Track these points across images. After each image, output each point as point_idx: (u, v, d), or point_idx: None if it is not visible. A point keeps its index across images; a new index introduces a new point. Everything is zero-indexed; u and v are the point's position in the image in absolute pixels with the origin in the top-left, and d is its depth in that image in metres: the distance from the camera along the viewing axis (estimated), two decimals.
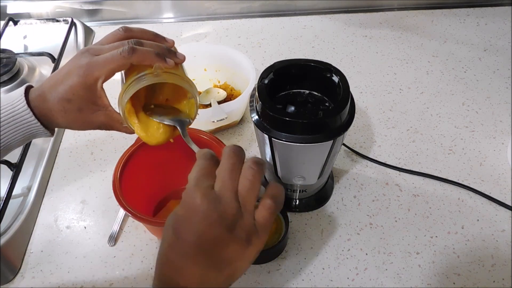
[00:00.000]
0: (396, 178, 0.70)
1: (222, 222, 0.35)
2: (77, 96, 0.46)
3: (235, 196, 0.36)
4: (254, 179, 0.37)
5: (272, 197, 0.38)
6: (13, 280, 0.60)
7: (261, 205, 0.38)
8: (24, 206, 0.65)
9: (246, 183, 0.37)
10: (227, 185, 0.37)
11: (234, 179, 0.37)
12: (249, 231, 0.37)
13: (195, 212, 0.36)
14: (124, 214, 0.66)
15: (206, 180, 0.37)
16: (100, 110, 0.48)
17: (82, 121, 0.48)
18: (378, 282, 0.58)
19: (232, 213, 0.36)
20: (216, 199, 0.36)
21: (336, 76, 0.54)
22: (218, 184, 0.37)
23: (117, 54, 0.45)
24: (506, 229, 0.63)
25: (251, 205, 0.37)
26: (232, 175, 0.37)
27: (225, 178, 0.37)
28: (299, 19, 1.03)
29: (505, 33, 0.97)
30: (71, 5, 1.03)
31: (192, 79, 0.85)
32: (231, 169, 0.37)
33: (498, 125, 0.77)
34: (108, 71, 0.45)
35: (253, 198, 0.37)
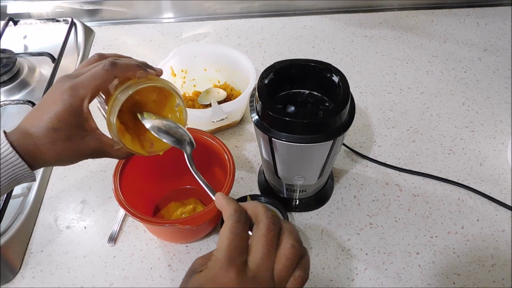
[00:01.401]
0: (396, 178, 0.70)
1: None
2: (64, 123, 0.43)
3: (272, 275, 0.34)
4: (294, 258, 0.35)
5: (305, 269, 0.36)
6: (13, 280, 0.60)
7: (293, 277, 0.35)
8: (24, 206, 0.65)
9: (285, 263, 0.34)
10: (264, 264, 0.34)
11: (271, 257, 0.34)
12: None
13: None
14: (124, 214, 0.66)
15: (240, 254, 0.34)
16: (89, 135, 0.46)
17: (72, 151, 0.45)
18: (378, 282, 0.58)
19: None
20: (252, 280, 0.33)
21: (336, 76, 0.54)
22: (253, 261, 0.34)
23: (99, 69, 0.44)
24: (506, 229, 0.63)
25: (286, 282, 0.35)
26: (269, 252, 0.34)
27: (262, 255, 0.34)
28: (299, 19, 1.03)
29: (505, 33, 0.97)
30: (71, 5, 1.03)
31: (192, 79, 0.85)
32: (269, 244, 0.35)
33: (498, 125, 0.77)
34: (93, 88, 0.44)
35: (289, 276, 0.35)
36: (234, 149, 0.75)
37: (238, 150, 0.75)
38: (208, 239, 0.63)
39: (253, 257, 0.34)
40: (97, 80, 0.44)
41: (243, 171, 0.72)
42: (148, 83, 0.46)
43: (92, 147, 0.46)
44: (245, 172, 0.72)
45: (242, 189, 0.69)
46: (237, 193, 0.68)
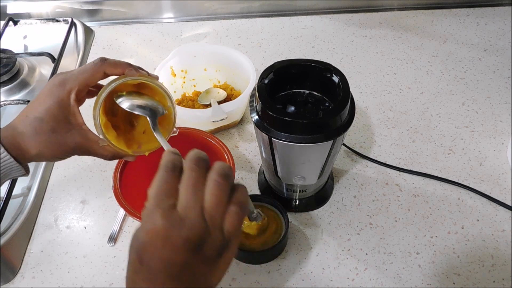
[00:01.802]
0: (396, 178, 0.70)
1: (187, 246, 0.33)
2: (49, 114, 0.44)
3: (201, 215, 0.33)
4: (222, 193, 0.34)
5: (238, 202, 0.35)
6: (13, 280, 0.60)
7: (228, 214, 0.34)
8: (24, 206, 0.65)
9: (212, 199, 0.34)
10: (191, 204, 0.33)
11: (198, 196, 0.34)
12: (219, 247, 0.34)
13: (157, 237, 0.32)
14: (124, 214, 0.66)
15: (166, 198, 0.34)
16: (74, 129, 0.46)
17: (56, 143, 0.46)
18: (378, 282, 0.58)
19: (198, 234, 0.33)
20: (180, 222, 0.33)
21: (336, 76, 0.54)
22: (181, 203, 0.34)
23: (89, 65, 0.46)
24: (506, 229, 0.63)
25: (220, 220, 0.34)
26: (195, 191, 0.34)
27: (188, 196, 0.34)
28: (299, 19, 1.03)
29: (505, 33, 0.97)
30: (71, 5, 1.03)
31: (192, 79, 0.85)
32: (194, 184, 0.34)
33: (498, 125, 0.77)
34: (81, 81, 0.45)
35: (221, 213, 0.34)
36: (234, 149, 0.75)
37: (238, 150, 0.75)
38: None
39: (180, 200, 0.34)
40: (85, 74, 0.45)
41: (243, 171, 0.72)
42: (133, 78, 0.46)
43: (77, 142, 0.46)
44: (245, 172, 0.72)
45: None
46: None
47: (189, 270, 0.33)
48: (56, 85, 0.45)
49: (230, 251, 0.35)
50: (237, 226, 0.35)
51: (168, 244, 0.32)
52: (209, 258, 0.34)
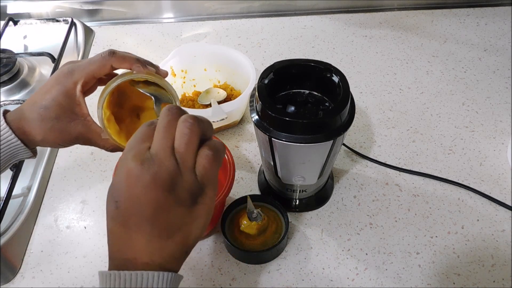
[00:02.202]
0: (396, 178, 0.70)
1: (157, 183, 0.32)
2: (55, 102, 0.45)
3: (171, 154, 0.33)
4: (191, 133, 0.34)
5: (210, 147, 0.35)
6: (13, 280, 0.60)
7: (199, 156, 0.34)
8: (24, 206, 0.65)
9: (182, 139, 0.34)
10: (161, 144, 0.34)
11: (168, 137, 0.34)
12: (192, 190, 0.34)
13: (128, 175, 0.33)
14: None
15: (140, 143, 0.34)
16: (78, 119, 0.47)
17: (59, 131, 0.47)
18: (378, 282, 0.58)
19: (167, 171, 0.33)
20: (150, 159, 0.33)
21: (336, 76, 0.54)
22: (153, 146, 0.34)
23: (97, 56, 0.46)
24: (506, 229, 0.63)
25: (190, 161, 0.34)
26: (166, 133, 0.34)
27: (159, 137, 0.34)
28: (299, 19, 1.03)
29: (505, 33, 0.97)
30: (71, 5, 1.03)
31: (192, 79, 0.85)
32: (165, 126, 0.34)
33: (498, 125, 0.77)
34: (88, 73, 0.45)
35: (191, 153, 0.34)
36: (234, 149, 0.75)
37: (238, 150, 0.75)
38: (209, 239, 0.63)
39: (153, 143, 0.34)
40: (93, 66, 0.46)
41: (243, 171, 0.72)
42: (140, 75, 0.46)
43: (79, 131, 0.47)
44: (245, 172, 0.72)
45: (242, 189, 0.69)
46: (237, 193, 0.68)
47: (162, 211, 0.33)
48: (63, 74, 0.46)
49: (206, 198, 0.35)
50: (210, 170, 0.35)
51: (138, 182, 0.33)
52: (183, 200, 0.34)
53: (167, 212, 0.33)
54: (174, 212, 0.33)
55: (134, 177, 0.33)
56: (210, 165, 0.35)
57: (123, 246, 0.34)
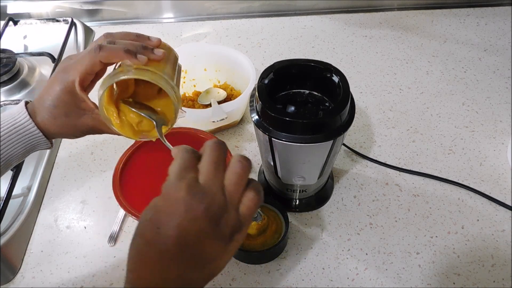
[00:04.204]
0: (396, 178, 0.70)
1: (207, 216, 0.34)
2: (61, 101, 0.47)
3: (222, 189, 0.35)
4: (243, 173, 0.36)
5: (255, 189, 0.37)
6: (13, 280, 0.60)
7: (245, 197, 0.36)
8: (24, 206, 0.65)
9: (233, 177, 0.35)
10: (213, 178, 0.35)
11: (220, 172, 0.36)
12: (234, 227, 0.35)
13: (179, 204, 0.33)
14: (124, 214, 0.66)
15: (189, 172, 0.35)
16: (86, 114, 0.49)
17: (71, 126, 0.49)
18: (378, 282, 0.58)
19: (218, 206, 0.34)
20: (202, 192, 0.34)
21: (336, 76, 0.54)
22: (203, 177, 0.35)
23: (86, 54, 0.46)
24: (506, 229, 0.63)
25: (237, 199, 0.36)
26: (217, 167, 0.36)
27: (210, 170, 0.35)
28: (299, 19, 1.03)
29: (505, 33, 0.97)
30: (71, 5, 1.03)
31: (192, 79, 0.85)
32: (216, 161, 0.36)
33: (498, 125, 0.77)
34: (80, 72, 0.46)
35: (239, 192, 0.36)
36: (234, 149, 0.75)
37: (238, 150, 0.75)
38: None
39: (202, 174, 0.35)
40: (83, 65, 0.46)
41: None
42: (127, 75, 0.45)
43: (90, 124, 0.49)
44: None
45: None
46: None
47: (204, 242, 0.34)
48: (61, 73, 0.47)
49: (240, 235, 0.36)
50: (252, 212, 0.36)
51: (189, 211, 0.33)
52: (223, 235, 0.35)
53: (206, 245, 0.34)
54: (214, 245, 0.35)
55: (185, 207, 0.33)
56: (254, 208, 0.36)
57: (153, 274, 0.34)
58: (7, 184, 0.65)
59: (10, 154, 0.47)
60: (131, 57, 0.45)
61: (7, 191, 0.64)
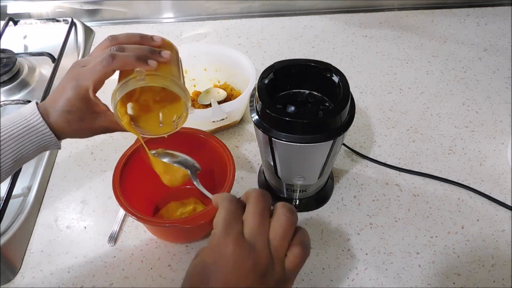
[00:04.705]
0: (396, 178, 0.70)
1: (255, 272, 0.34)
2: (75, 107, 0.47)
3: (267, 244, 0.35)
4: (288, 227, 0.36)
5: (301, 243, 0.36)
6: (13, 280, 0.60)
7: (291, 253, 0.36)
8: (24, 206, 0.65)
9: (279, 231, 0.35)
10: (258, 232, 0.35)
11: (265, 226, 0.36)
12: (279, 280, 0.35)
13: (227, 260, 0.34)
14: (124, 214, 0.66)
15: (235, 226, 0.35)
16: (100, 117, 0.50)
17: (86, 129, 0.50)
18: (378, 282, 0.58)
19: (265, 262, 0.34)
20: (249, 247, 0.34)
21: (336, 76, 0.54)
22: (249, 231, 0.35)
23: (99, 64, 0.46)
24: (506, 229, 0.63)
25: (283, 253, 0.36)
26: (262, 221, 0.36)
27: (256, 224, 0.35)
28: (299, 19, 1.03)
29: (505, 33, 0.97)
30: (71, 5, 1.04)
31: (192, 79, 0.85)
32: (261, 214, 0.36)
33: (498, 125, 0.77)
34: (94, 80, 0.46)
35: (285, 246, 0.36)
36: (234, 149, 0.75)
37: (238, 150, 0.75)
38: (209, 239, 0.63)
39: (247, 227, 0.35)
40: (97, 74, 0.46)
41: (243, 171, 0.72)
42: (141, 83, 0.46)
43: (104, 126, 0.51)
44: (245, 172, 0.71)
45: (242, 189, 0.69)
46: (237, 193, 0.68)
47: None
48: (72, 80, 0.47)
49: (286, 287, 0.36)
50: (298, 268, 0.36)
51: (238, 268, 0.34)
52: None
53: None
54: None
55: (234, 263, 0.34)
56: (299, 263, 0.36)
57: None
58: (7, 184, 0.65)
59: (21, 153, 0.48)
60: (143, 64, 0.47)
61: (7, 191, 0.64)
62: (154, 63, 0.47)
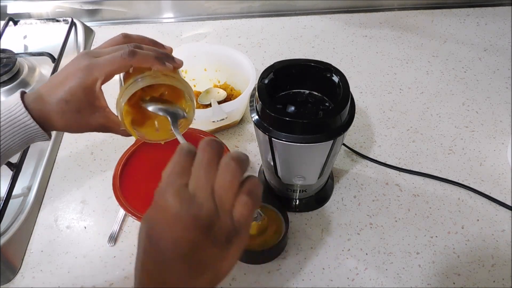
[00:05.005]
0: (396, 178, 0.70)
1: (197, 224, 0.33)
2: (75, 97, 0.46)
3: (211, 195, 0.33)
4: (233, 177, 0.34)
5: (249, 192, 0.34)
6: (13, 280, 0.60)
7: (238, 202, 0.34)
8: (24, 206, 0.65)
9: (223, 181, 0.34)
10: (201, 184, 0.33)
11: (209, 177, 0.34)
12: (228, 232, 0.34)
13: (167, 214, 0.33)
14: (124, 214, 0.66)
15: (179, 178, 0.34)
16: (98, 112, 0.48)
17: (80, 123, 0.48)
18: (378, 282, 0.58)
19: (207, 214, 0.33)
20: (190, 199, 0.33)
21: (336, 76, 0.54)
22: (192, 183, 0.34)
23: (118, 56, 0.46)
24: (506, 229, 0.63)
25: (229, 204, 0.34)
26: (207, 171, 0.34)
27: (200, 175, 0.34)
28: (299, 19, 1.03)
29: (505, 33, 0.97)
30: (71, 5, 1.04)
31: (192, 79, 0.85)
32: (206, 164, 0.34)
33: (498, 125, 0.77)
34: (108, 73, 0.46)
35: (230, 197, 0.34)
36: (234, 149, 0.75)
37: (238, 150, 0.75)
38: None
39: (191, 179, 0.34)
40: (113, 66, 0.46)
41: None
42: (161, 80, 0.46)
43: (100, 123, 0.49)
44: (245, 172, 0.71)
45: None
46: None
47: (198, 251, 0.33)
48: (82, 69, 0.46)
49: (240, 240, 0.35)
50: (246, 217, 0.35)
51: (178, 222, 0.33)
52: (218, 241, 0.34)
53: (202, 252, 0.33)
54: (208, 252, 0.34)
55: (173, 216, 0.33)
56: (248, 213, 0.34)
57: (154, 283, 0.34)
58: (7, 184, 0.65)
59: (8, 145, 0.47)
60: (161, 64, 0.47)
61: (7, 191, 0.64)
62: (171, 66, 0.48)
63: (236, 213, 0.34)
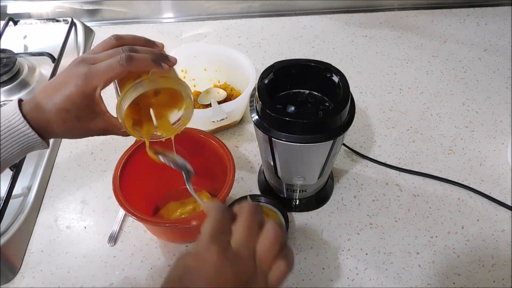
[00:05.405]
0: (396, 178, 0.70)
1: (236, 281, 0.34)
2: (75, 105, 0.46)
3: (253, 255, 0.35)
4: (276, 241, 0.36)
5: (287, 260, 0.36)
6: (13, 280, 0.60)
7: (276, 267, 0.36)
8: (24, 206, 0.65)
9: (266, 244, 0.35)
10: (245, 243, 0.35)
11: (253, 237, 0.36)
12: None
13: (209, 266, 0.34)
14: (124, 214, 0.66)
15: (222, 234, 0.35)
16: (99, 117, 0.48)
17: (81, 129, 0.48)
18: (378, 282, 0.58)
19: (248, 272, 0.34)
20: (234, 257, 0.34)
21: (336, 76, 0.54)
22: (236, 241, 0.35)
23: (115, 63, 0.45)
24: (506, 229, 0.63)
25: (267, 266, 0.35)
26: (251, 232, 0.36)
27: (244, 235, 0.36)
28: (299, 19, 1.03)
29: (505, 33, 0.97)
30: (71, 5, 1.04)
31: (192, 79, 0.85)
32: (250, 226, 0.36)
33: (498, 125, 0.77)
34: (107, 80, 0.46)
35: (270, 260, 0.35)
36: (234, 149, 0.75)
37: (238, 150, 0.75)
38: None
39: (235, 237, 0.36)
40: (111, 73, 0.45)
41: (243, 171, 0.72)
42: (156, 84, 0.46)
43: (101, 127, 0.49)
44: (245, 172, 0.72)
45: (242, 189, 0.69)
46: (237, 193, 0.68)
47: None
48: (80, 77, 0.45)
49: None
50: (280, 282, 0.36)
51: (219, 275, 0.34)
52: None
53: None
54: None
55: (216, 270, 0.34)
56: (283, 278, 0.36)
57: None
58: (7, 184, 0.65)
59: (6, 155, 0.46)
60: (159, 67, 0.47)
61: (7, 191, 0.64)
62: (167, 67, 0.48)
63: (272, 276, 0.36)
